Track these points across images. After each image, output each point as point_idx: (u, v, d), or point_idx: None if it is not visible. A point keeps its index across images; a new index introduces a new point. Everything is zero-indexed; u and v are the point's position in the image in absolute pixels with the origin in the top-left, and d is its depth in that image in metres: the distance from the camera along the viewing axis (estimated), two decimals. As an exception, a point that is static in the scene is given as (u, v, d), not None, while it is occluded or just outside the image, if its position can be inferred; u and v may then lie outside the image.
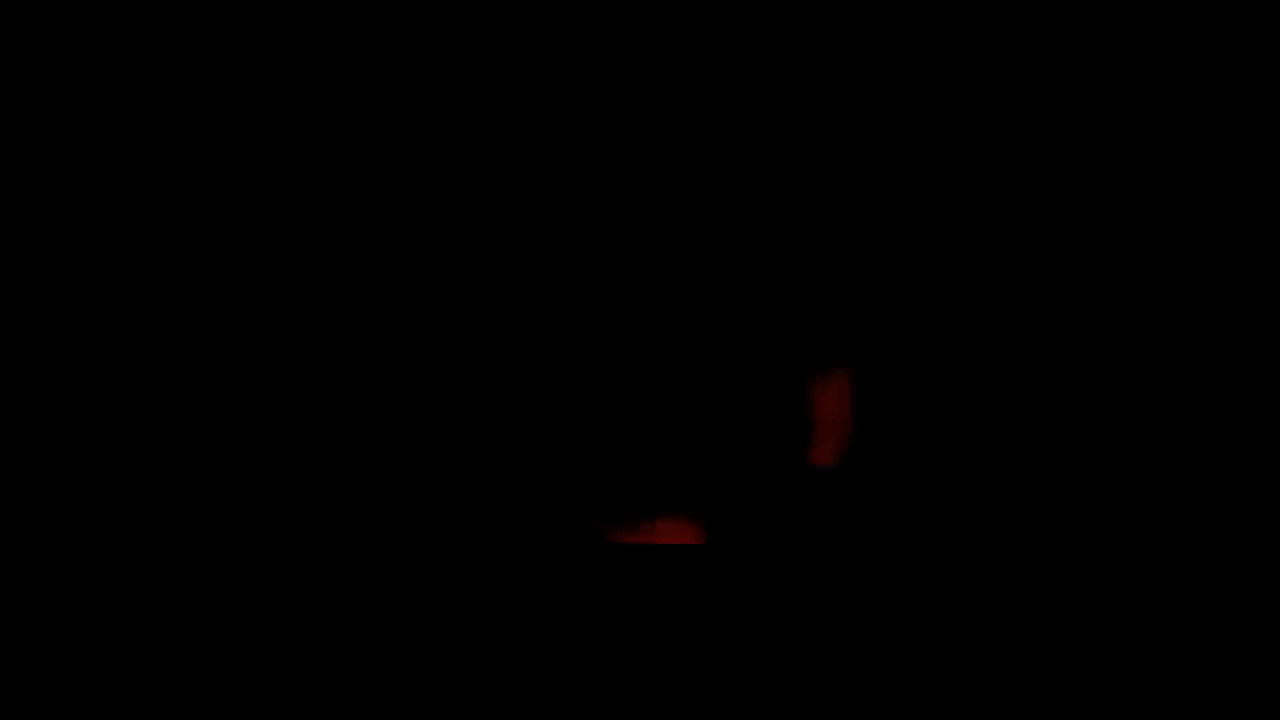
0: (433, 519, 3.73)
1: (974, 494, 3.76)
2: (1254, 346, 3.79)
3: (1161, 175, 4.00)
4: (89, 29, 4.17)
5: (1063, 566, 3.69)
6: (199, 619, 3.94)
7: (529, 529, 3.53)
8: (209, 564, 3.99)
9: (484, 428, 3.71)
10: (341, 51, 4.28)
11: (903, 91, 4.05)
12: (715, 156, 3.95)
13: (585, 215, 3.75)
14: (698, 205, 3.91)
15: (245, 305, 4.21)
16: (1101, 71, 4.01)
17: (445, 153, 3.91)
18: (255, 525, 4.05)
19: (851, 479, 3.68)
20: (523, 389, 3.82)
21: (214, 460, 4.14)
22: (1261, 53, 3.83)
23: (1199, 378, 3.85)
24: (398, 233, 4.00)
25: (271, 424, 4.16)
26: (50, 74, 4.20)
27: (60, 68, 4.19)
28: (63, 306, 4.09)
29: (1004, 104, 4.03)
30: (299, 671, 3.66)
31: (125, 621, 3.86)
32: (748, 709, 3.53)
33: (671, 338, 3.76)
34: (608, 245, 3.77)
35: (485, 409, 3.74)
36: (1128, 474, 3.74)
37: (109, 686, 3.80)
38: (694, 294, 3.82)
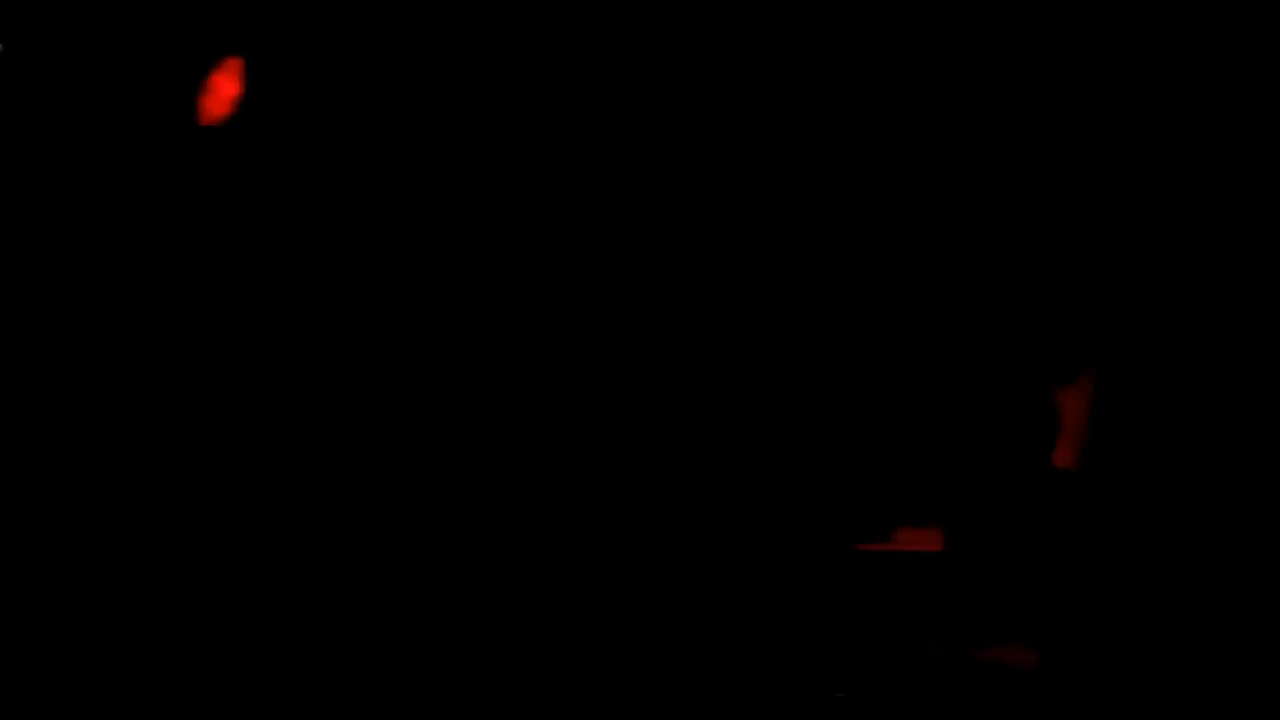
0: (690, 525, 3.71)
1: (1218, 495, 3.71)
2: None
3: None
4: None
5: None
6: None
7: (782, 537, 3.53)
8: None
9: (737, 442, 3.70)
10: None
11: (1149, 115, 3.98)
12: (967, 178, 3.90)
13: (850, 249, 3.75)
14: (948, 226, 3.88)
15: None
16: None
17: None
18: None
19: (1094, 480, 3.65)
20: (775, 406, 3.81)
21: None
22: None
23: None
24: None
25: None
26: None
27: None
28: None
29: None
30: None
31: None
32: (990, 708, 3.49)
33: (916, 352, 3.75)
34: (860, 272, 3.77)
35: (738, 424, 3.74)
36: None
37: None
38: (938, 310, 3.80)
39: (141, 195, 4.19)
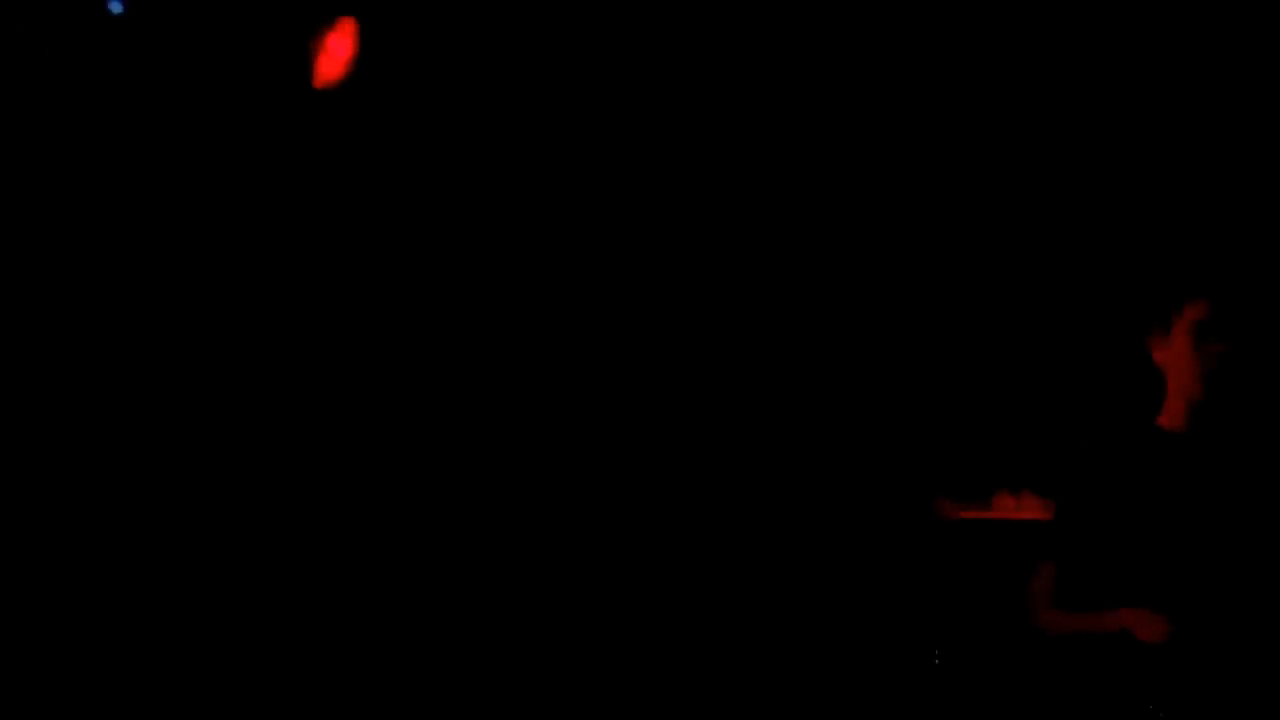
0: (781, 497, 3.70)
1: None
2: None
3: None
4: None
5: None
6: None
7: (878, 507, 3.50)
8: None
9: (832, 411, 3.67)
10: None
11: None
12: (1066, 138, 3.82)
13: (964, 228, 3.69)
14: (1063, 186, 3.81)
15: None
16: None
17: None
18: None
19: (1200, 442, 3.57)
20: (869, 374, 3.77)
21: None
22: None
23: None
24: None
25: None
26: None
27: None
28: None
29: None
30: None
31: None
32: (1099, 678, 3.43)
33: (1023, 319, 3.70)
34: (959, 234, 3.72)
35: (829, 394, 3.70)
36: None
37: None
38: (1042, 278, 3.74)
39: (256, 155, 4.22)
